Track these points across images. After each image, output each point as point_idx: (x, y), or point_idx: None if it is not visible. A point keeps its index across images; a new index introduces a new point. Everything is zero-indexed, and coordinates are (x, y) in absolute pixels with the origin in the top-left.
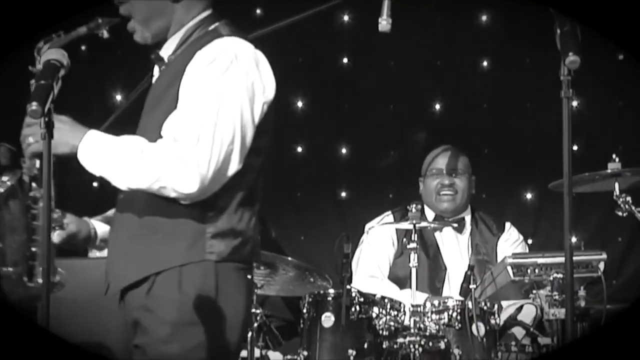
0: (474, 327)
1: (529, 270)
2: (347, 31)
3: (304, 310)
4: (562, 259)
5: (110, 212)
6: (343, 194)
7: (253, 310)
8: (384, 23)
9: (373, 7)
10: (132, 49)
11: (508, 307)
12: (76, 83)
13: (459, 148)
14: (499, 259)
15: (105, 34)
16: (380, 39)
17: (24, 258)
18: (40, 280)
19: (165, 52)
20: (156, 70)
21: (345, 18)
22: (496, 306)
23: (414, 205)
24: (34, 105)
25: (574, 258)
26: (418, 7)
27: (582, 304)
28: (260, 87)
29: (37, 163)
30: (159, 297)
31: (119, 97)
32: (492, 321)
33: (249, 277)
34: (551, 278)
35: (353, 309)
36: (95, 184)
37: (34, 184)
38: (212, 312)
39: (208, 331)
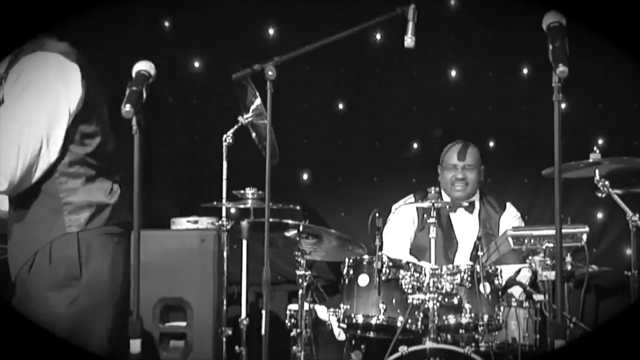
0: (481, 286)
1: (526, 241)
2: (378, 47)
3: (344, 272)
4: (552, 232)
5: None
6: (375, 179)
7: (303, 272)
8: (409, 40)
9: (400, 27)
10: None
11: (508, 270)
12: None
13: (473, 143)
14: (501, 231)
15: None
16: (405, 53)
17: None
18: None
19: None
20: None
21: (378, 36)
22: (499, 269)
23: (433, 188)
24: (127, 107)
25: (562, 231)
26: (436, 28)
27: (569, 267)
28: (65, 95)
29: None
30: (35, 272)
31: None
32: (496, 282)
33: (116, 240)
34: (544, 247)
35: (384, 272)
36: None
37: None
38: (79, 276)
39: (77, 290)
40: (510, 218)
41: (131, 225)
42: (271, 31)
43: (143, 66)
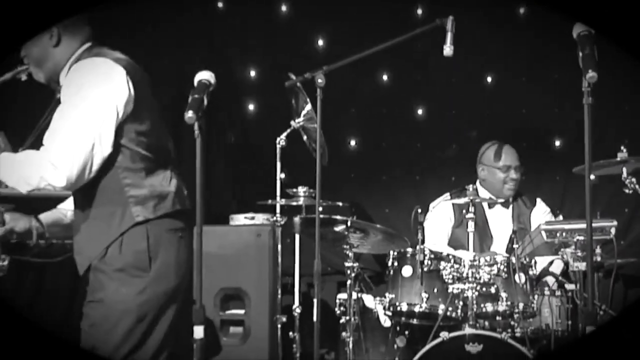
0: (516, 276)
1: (558, 234)
2: (420, 55)
3: (389, 264)
4: (583, 225)
5: (61, 205)
6: (417, 177)
7: (351, 264)
8: (448, 49)
9: (439, 38)
10: None
11: (542, 261)
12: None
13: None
14: (533, 225)
15: (24, 77)
16: (444, 61)
17: None
18: None
19: (61, 81)
20: None
21: (419, 45)
22: (533, 260)
23: (471, 186)
24: (190, 113)
25: (592, 224)
26: (474, 38)
27: (598, 259)
28: (112, 95)
29: None
30: (107, 262)
31: None
32: (530, 272)
33: (180, 234)
34: (575, 239)
35: (426, 263)
36: None
37: None
38: (148, 268)
39: (145, 281)
40: (540, 213)
41: (193, 217)
42: (320, 42)
43: (204, 76)
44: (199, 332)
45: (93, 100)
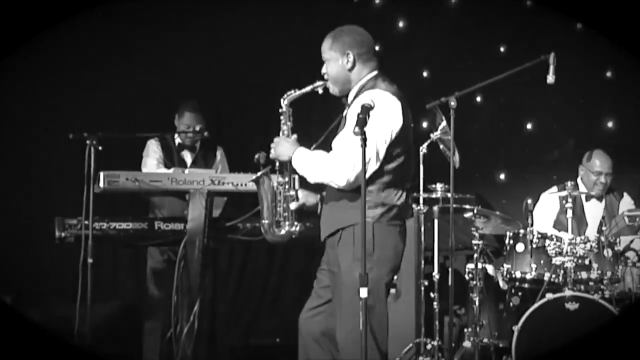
0: (605, 251)
1: (637, 219)
2: (527, 84)
3: (506, 242)
4: None
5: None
6: (527, 176)
7: (477, 241)
8: (550, 79)
9: (543, 69)
10: None
11: (625, 240)
12: None
13: (605, 151)
14: (620, 213)
15: (320, 91)
16: (547, 87)
17: (272, 215)
18: (283, 232)
19: (349, 99)
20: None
21: (526, 76)
22: (618, 239)
23: (570, 182)
24: (356, 129)
25: None
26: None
27: None
28: (389, 123)
29: (277, 164)
30: (343, 245)
31: None
32: (616, 248)
33: (398, 229)
34: None
35: (534, 241)
36: None
37: (279, 176)
38: (372, 253)
39: (371, 262)
40: (627, 203)
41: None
42: (453, 69)
43: (366, 100)
44: (364, 292)
45: (376, 125)
